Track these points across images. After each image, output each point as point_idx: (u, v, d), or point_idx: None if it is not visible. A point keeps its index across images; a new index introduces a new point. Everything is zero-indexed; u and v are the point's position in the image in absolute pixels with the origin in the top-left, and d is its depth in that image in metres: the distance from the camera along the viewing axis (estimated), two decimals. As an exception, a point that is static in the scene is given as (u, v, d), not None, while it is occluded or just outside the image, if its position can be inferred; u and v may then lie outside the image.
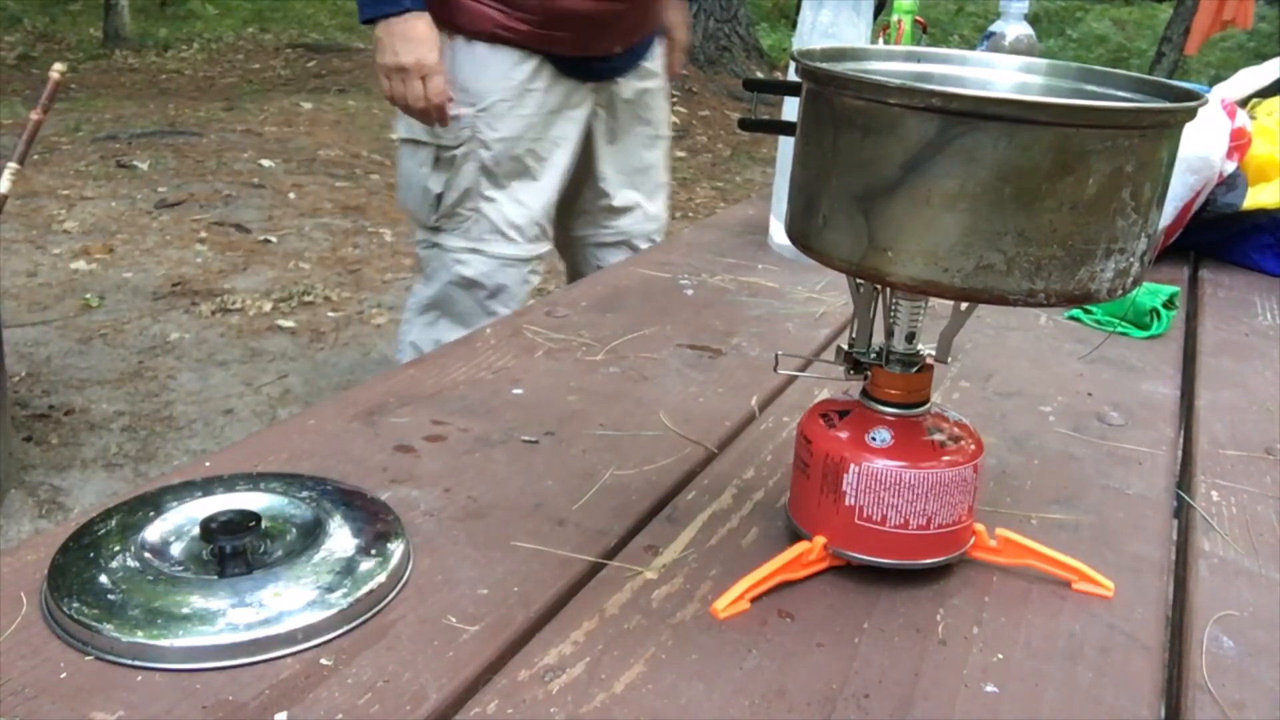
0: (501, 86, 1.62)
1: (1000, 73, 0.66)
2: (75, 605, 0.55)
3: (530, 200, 1.69)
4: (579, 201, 1.84)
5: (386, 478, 0.72)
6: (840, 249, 0.54)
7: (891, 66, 0.66)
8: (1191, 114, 0.52)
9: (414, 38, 1.55)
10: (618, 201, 1.83)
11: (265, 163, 4.83)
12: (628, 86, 1.77)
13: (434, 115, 1.61)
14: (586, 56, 1.68)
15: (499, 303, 1.73)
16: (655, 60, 1.81)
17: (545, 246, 1.75)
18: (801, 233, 0.57)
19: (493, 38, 1.61)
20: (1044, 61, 0.65)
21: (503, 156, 1.65)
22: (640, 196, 1.85)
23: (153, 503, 0.65)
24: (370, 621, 0.57)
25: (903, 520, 0.61)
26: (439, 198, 1.69)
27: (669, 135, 1.90)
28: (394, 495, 0.70)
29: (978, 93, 0.50)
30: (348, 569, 0.59)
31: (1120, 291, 0.53)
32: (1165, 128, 0.52)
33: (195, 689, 0.52)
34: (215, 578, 0.58)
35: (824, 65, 0.55)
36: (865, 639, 0.59)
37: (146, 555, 0.60)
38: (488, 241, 1.69)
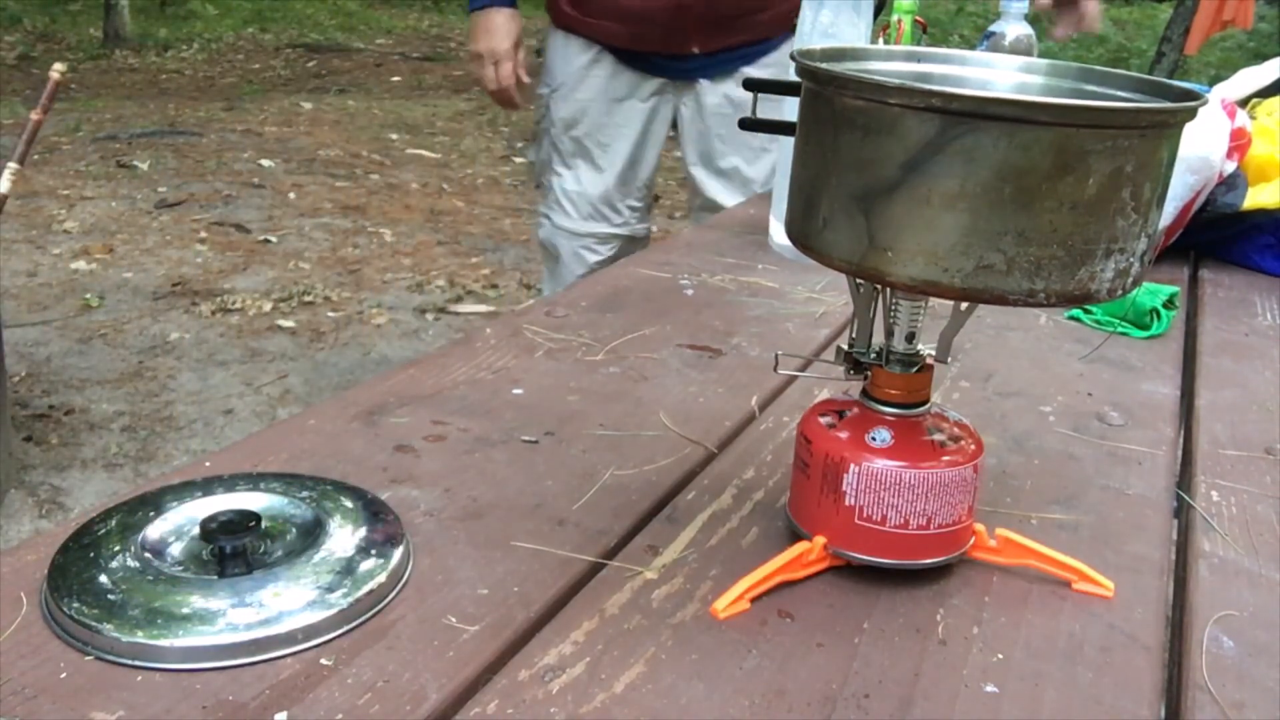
0: (565, 71, 1.80)
1: (1000, 73, 0.66)
2: (75, 605, 0.55)
3: (587, 180, 1.85)
4: (689, 194, 1.96)
5: (386, 478, 0.72)
6: (840, 249, 0.54)
7: (891, 66, 0.66)
8: (1191, 114, 0.52)
9: (491, 28, 1.75)
10: (715, 204, 1.85)
11: (265, 163, 4.84)
12: (716, 92, 1.76)
13: (502, 97, 1.81)
14: (650, 52, 1.74)
15: (563, 268, 1.92)
16: (771, 70, 1.76)
17: (602, 226, 1.89)
18: (801, 233, 0.57)
19: (564, 26, 1.79)
20: (1044, 61, 0.65)
21: (564, 136, 1.84)
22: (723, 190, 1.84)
23: (153, 503, 0.65)
24: (370, 621, 0.57)
25: (903, 520, 0.61)
26: (532, 166, 1.96)
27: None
28: (394, 495, 0.70)
29: (978, 93, 0.50)
30: (348, 569, 0.59)
31: (1120, 291, 0.53)
32: (1165, 128, 0.52)
33: (195, 689, 0.52)
34: (215, 578, 0.58)
35: (824, 65, 0.55)
36: (865, 639, 0.59)
37: (146, 555, 0.60)
38: (553, 210, 1.91)
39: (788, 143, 0.83)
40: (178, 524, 0.63)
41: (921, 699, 0.54)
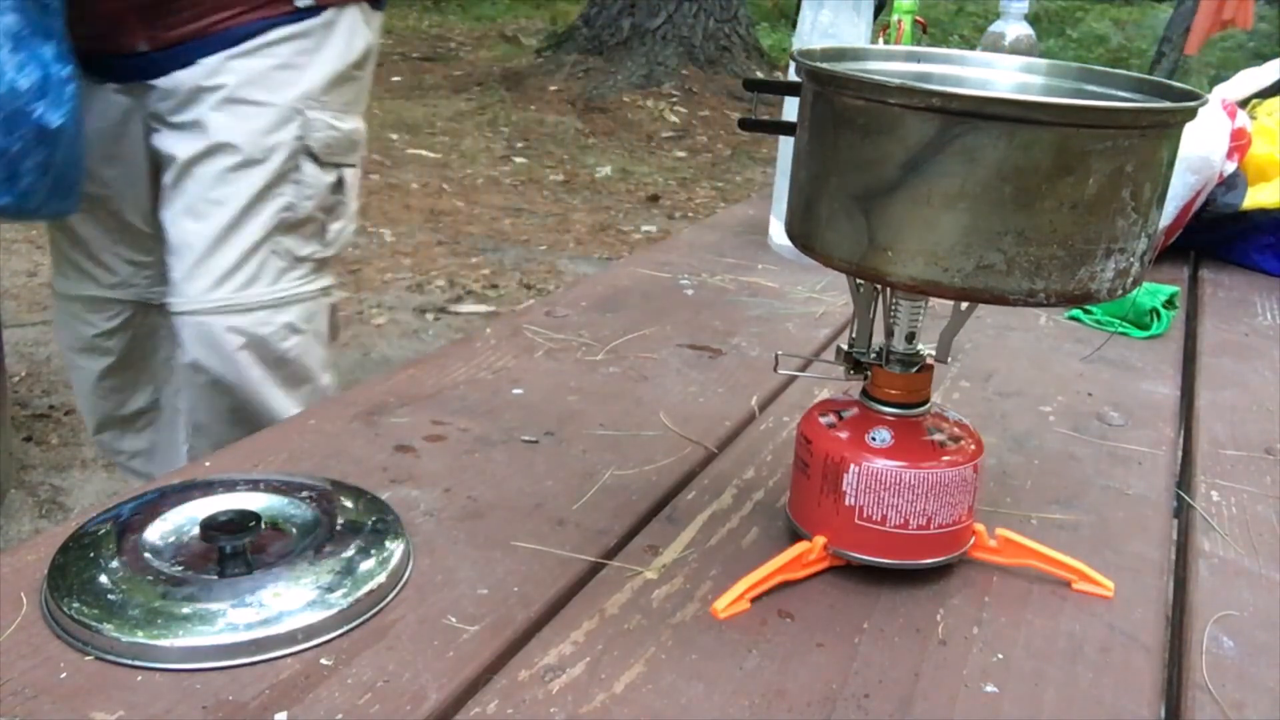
0: None
1: (1000, 72, 0.66)
2: (75, 605, 0.55)
3: (67, 224, 1.35)
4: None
5: (386, 478, 0.72)
6: (840, 249, 0.55)
7: (892, 66, 0.66)
8: (1191, 114, 0.52)
9: None
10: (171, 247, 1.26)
11: (265, 163, 4.83)
12: (180, 96, 1.20)
13: None
14: (103, 50, 1.20)
15: (63, 346, 1.47)
16: (236, 67, 1.19)
17: (89, 288, 1.38)
18: (801, 233, 0.57)
19: None
20: (1044, 61, 0.65)
21: None
22: (191, 243, 1.22)
23: (153, 503, 0.65)
24: (370, 621, 0.57)
25: (903, 520, 0.61)
26: None
27: (269, 164, 1.21)
28: (394, 495, 0.70)
29: (978, 93, 0.50)
30: (348, 569, 0.59)
31: (1120, 291, 0.53)
32: (1166, 128, 0.52)
33: (195, 689, 0.52)
34: (215, 578, 0.58)
35: (824, 65, 0.55)
36: (865, 639, 0.59)
37: (146, 555, 0.60)
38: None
39: (787, 143, 0.83)
40: (178, 524, 0.63)
41: (921, 699, 0.54)
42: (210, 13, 1.18)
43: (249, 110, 1.20)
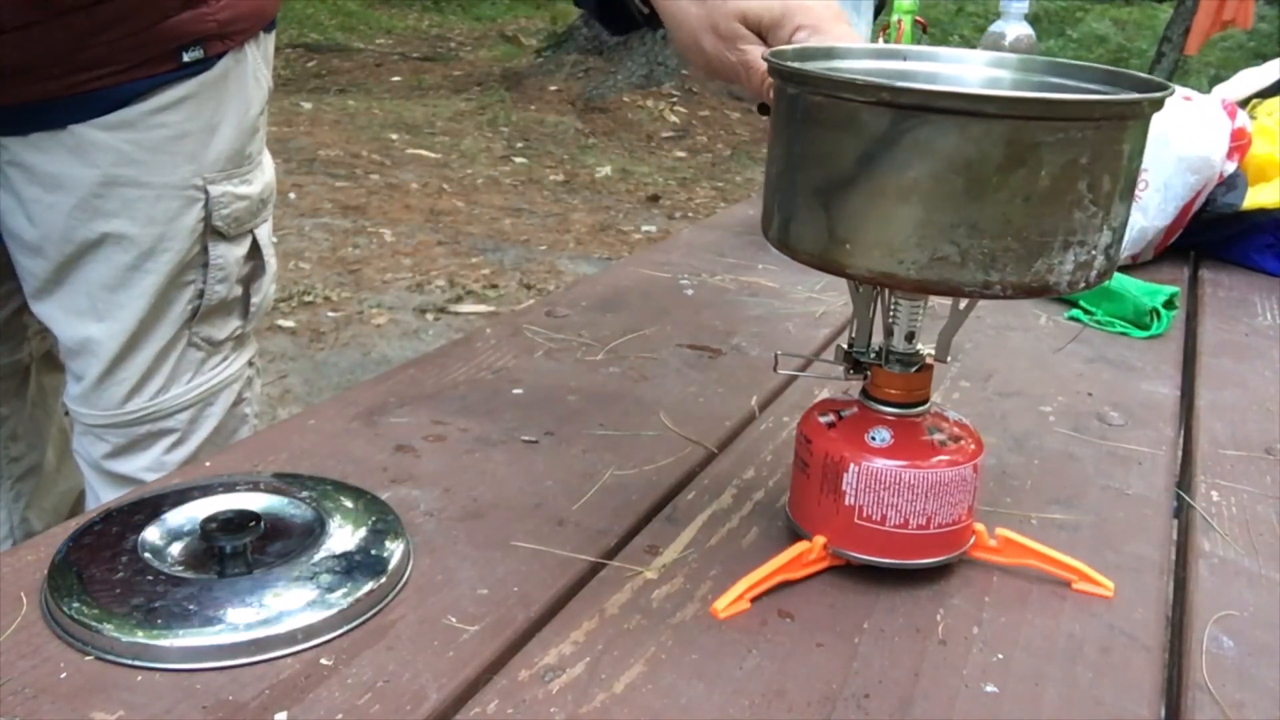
0: None
1: (972, 67, 0.66)
2: (75, 605, 0.55)
3: None
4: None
5: (386, 478, 0.72)
6: (804, 242, 0.55)
7: (864, 64, 0.66)
8: (1154, 105, 0.52)
9: None
10: (65, 345, 1.05)
11: (265, 163, 4.83)
12: (52, 166, 0.96)
13: None
14: None
15: None
16: (115, 142, 0.97)
17: None
18: (772, 228, 0.58)
19: None
20: (1015, 56, 0.66)
21: None
22: (94, 351, 1.03)
23: (153, 503, 0.65)
24: (370, 621, 0.57)
25: (903, 520, 0.61)
26: None
27: (170, 253, 1.01)
28: (394, 495, 0.70)
29: (926, 86, 0.50)
30: (348, 569, 0.59)
31: (1083, 284, 0.53)
32: (1124, 119, 0.51)
33: (195, 689, 0.52)
34: (215, 578, 0.58)
35: (788, 63, 0.56)
36: (865, 639, 0.59)
37: (146, 555, 0.60)
38: None
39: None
40: (178, 524, 0.63)
41: (921, 699, 0.54)
42: (74, 71, 0.94)
43: (138, 195, 0.99)
